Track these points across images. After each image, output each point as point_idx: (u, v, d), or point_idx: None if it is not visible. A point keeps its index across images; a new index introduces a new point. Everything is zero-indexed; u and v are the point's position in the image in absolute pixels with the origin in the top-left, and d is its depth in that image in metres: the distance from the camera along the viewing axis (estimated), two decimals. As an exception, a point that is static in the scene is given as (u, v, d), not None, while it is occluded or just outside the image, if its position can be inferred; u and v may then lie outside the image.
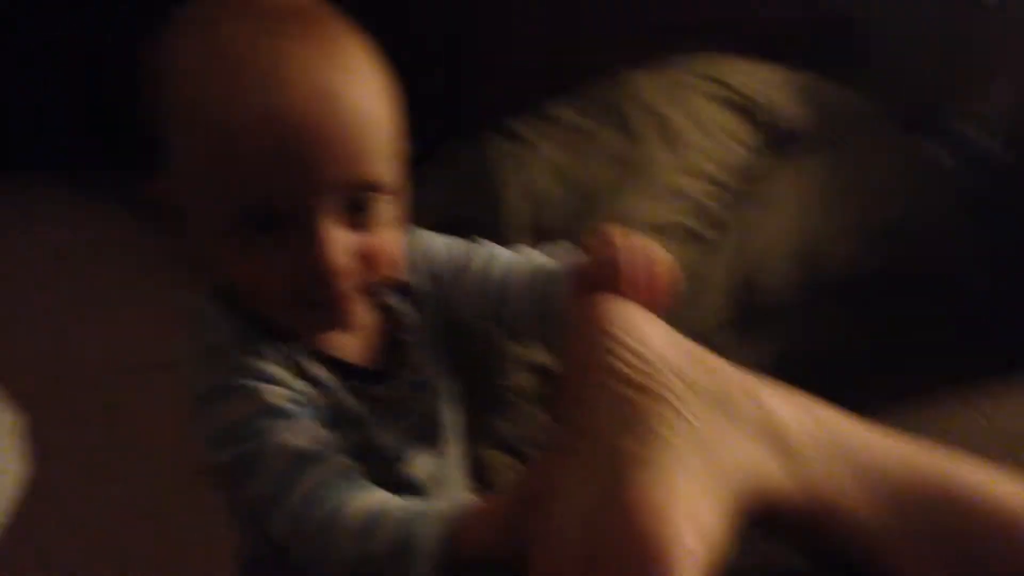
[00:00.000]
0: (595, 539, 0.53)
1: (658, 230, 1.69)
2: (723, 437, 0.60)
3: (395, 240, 0.76)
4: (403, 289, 0.85)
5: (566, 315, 0.72)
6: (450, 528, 0.66)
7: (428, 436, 0.87)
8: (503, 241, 1.69)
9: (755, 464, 0.60)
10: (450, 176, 1.86)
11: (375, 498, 0.70)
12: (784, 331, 1.85)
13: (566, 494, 0.57)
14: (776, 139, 1.86)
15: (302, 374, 0.77)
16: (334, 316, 0.74)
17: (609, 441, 0.57)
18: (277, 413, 0.72)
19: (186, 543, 1.63)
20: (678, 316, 1.72)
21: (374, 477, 0.81)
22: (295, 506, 0.69)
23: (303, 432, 0.72)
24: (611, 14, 2.02)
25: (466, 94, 1.93)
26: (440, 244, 0.90)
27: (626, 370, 0.61)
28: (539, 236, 1.70)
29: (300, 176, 0.67)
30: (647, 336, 0.65)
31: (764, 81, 1.88)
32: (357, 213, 0.71)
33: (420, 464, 0.86)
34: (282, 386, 0.74)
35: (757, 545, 0.65)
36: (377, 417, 0.81)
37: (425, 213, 1.80)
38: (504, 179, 1.76)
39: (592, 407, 0.60)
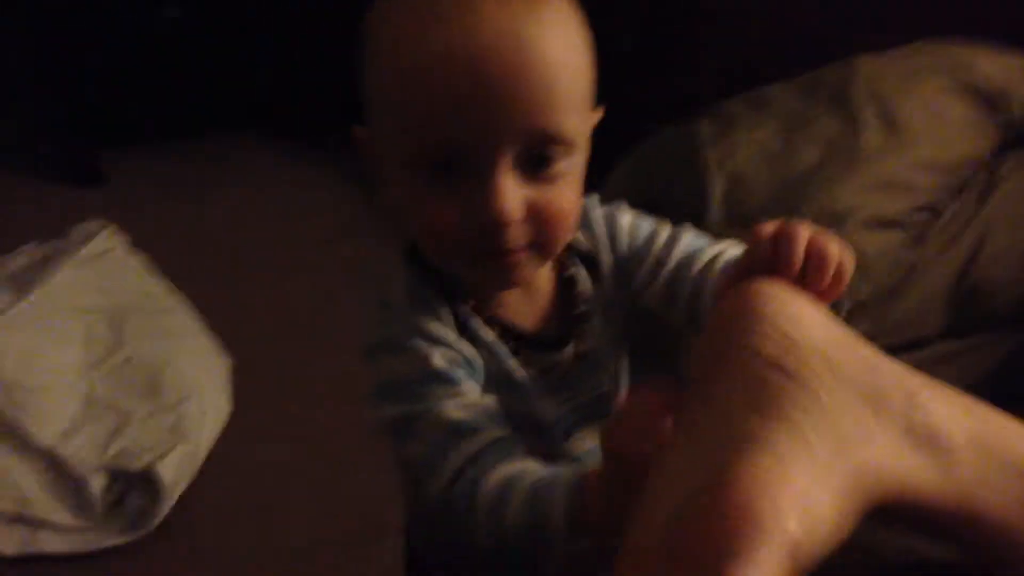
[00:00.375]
0: (689, 513, 0.48)
1: (874, 224, 1.58)
2: (865, 430, 0.54)
3: (572, 198, 0.72)
4: (582, 257, 0.83)
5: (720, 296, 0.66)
6: (577, 494, 0.63)
7: (594, 411, 0.84)
8: (704, 226, 1.65)
9: (899, 462, 0.54)
10: (657, 155, 1.81)
11: (514, 467, 0.68)
12: (1007, 344, 1.69)
13: (673, 467, 0.53)
14: (1020, 135, 1.70)
15: (470, 335, 0.76)
16: (502, 269, 0.72)
17: (733, 418, 0.52)
18: (439, 378, 0.72)
19: (367, 492, 1.67)
20: (896, 323, 1.63)
21: (535, 448, 0.79)
22: (444, 479, 0.69)
23: (462, 400, 0.72)
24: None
25: (682, 73, 1.86)
26: (626, 218, 0.85)
27: (768, 349, 0.55)
28: (741, 222, 1.63)
29: (483, 118, 0.65)
30: (800, 319, 0.59)
31: (1015, 69, 1.70)
32: (536, 166, 0.68)
33: (583, 440, 0.83)
34: (448, 347, 0.74)
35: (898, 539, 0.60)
36: (542, 387, 0.80)
37: (628, 191, 1.79)
38: (711, 162, 1.69)
39: (724, 383, 0.55)
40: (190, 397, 1.72)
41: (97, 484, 1.58)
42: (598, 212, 0.84)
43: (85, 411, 1.69)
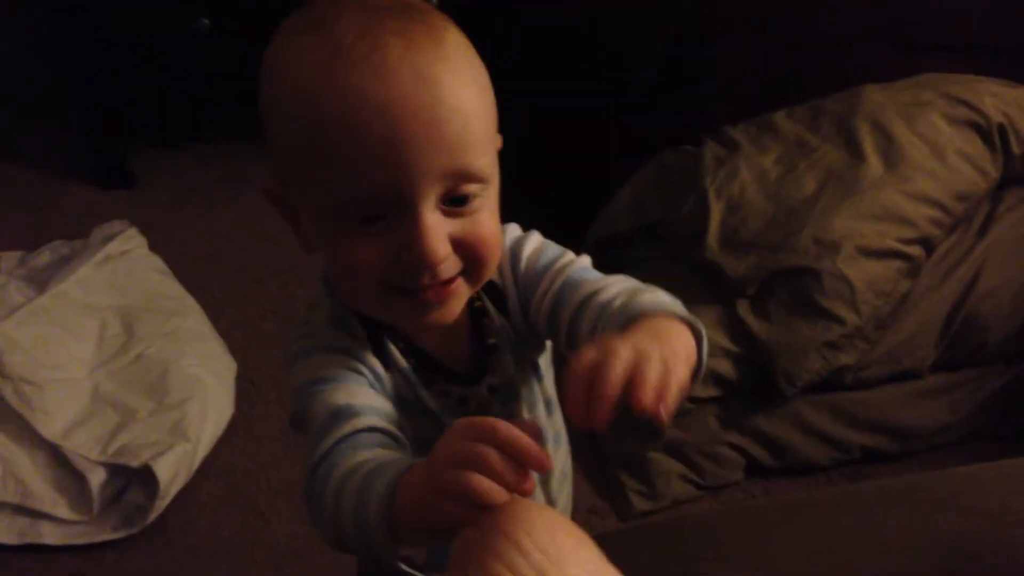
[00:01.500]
0: None
1: (868, 254, 1.58)
2: None
3: (493, 226, 0.74)
4: (489, 289, 0.83)
5: None
6: (391, 493, 0.61)
7: None
8: (703, 250, 1.66)
9: None
10: (662, 177, 1.83)
11: (367, 455, 0.67)
12: (998, 380, 1.69)
13: None
14: (1019, 172, 1.69)
15: (385, 359, 0.78)
16: (429, 309, 0.73)
17: None
18: (341, 379, 0.74)
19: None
20: (886, 354, 1.63)
21: None
22: (314, 461, 0.70)
23: (352, 389, 0.73)
24: (856, 24, 1.89)
25: (688, 97, 1.88)
26: (531, 245, 0.83)
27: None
28: (739, 247, 1.64)
29: (403, 165, 0.66)
30: (556, 550, 0.54)
31: (1018, 105, 1.70)
32: (455, 202, 0.70)
33: None
34: (355, 359, 0.75)
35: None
36: (453, 416, 0.80)
37: (633, 210, 1.81)
38: (711, 187, 1.71)
39: None
40: (193, 397, 1.76)
41: (97, 479, 1.62)
42: (506, 245, 0.83)
43: (91, 407, 1.74)
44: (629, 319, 0.69)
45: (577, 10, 1.98)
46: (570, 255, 0.83)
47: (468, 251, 0.72)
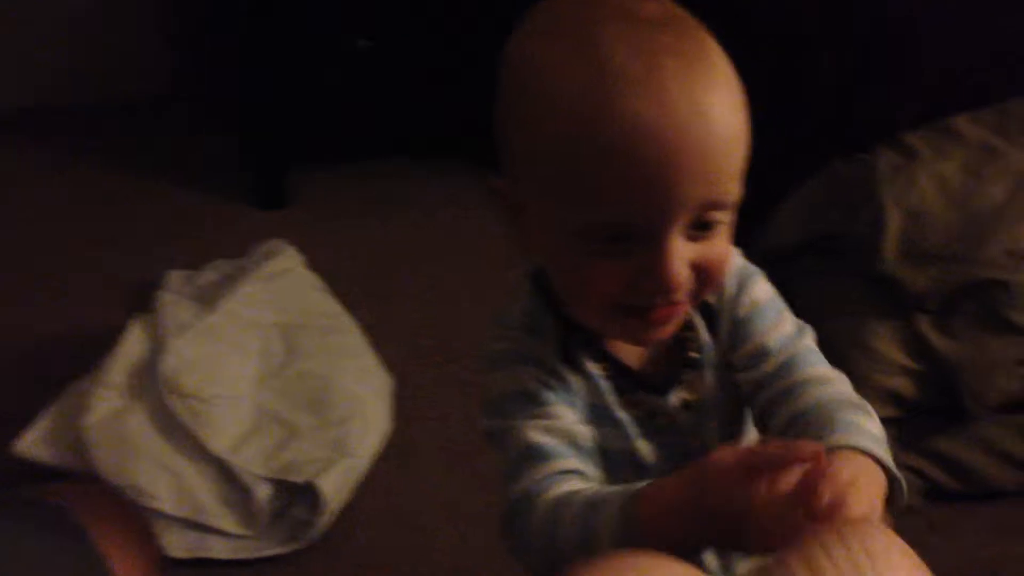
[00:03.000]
0: None
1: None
2: None
3: (727, 249, 0.73)
4: (704, 308, 0.81)
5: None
6: (629, 511, 0.65)
7: (696, 458, 0.81)
8: (878, 261, 1.58)
9: None
10: (833, 188, 1.75)
11: (573, 487, 0.70)
12: None
13: None
14: None
15: (576, 366, 0.77)
16: (654, 327, 0.73)
17: None
18: (529, 398, 0.74)
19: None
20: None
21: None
22: (510, 498, 0.72)
23: (547, 423, 0.73)
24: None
25: (864, 104, 1.80)
26: (757, 287, 0.83)
27: None
28: (919, 259, 1.56)
29: (664, 195, 0.65)
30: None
31: None
32: (701, 228, 0.69)
33: None
34: (546, 370, 0.76)
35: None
36: (644, 429, 0.79)
37: (802, 224, 1.75)
38: (888, 197, 1.63)
39: None
40: (354, 414, 1.78)
41: (263, 494, 1.65)
42: (733, 270, 0.82)
43: (256, 422, 1.78)
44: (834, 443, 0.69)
45: (749, 13, 1.92)
46: (795, 327, 0.81)
47: (703, 274, 0.71)
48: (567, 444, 0.73)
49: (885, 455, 0.70)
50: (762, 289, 0.83)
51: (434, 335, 2.13)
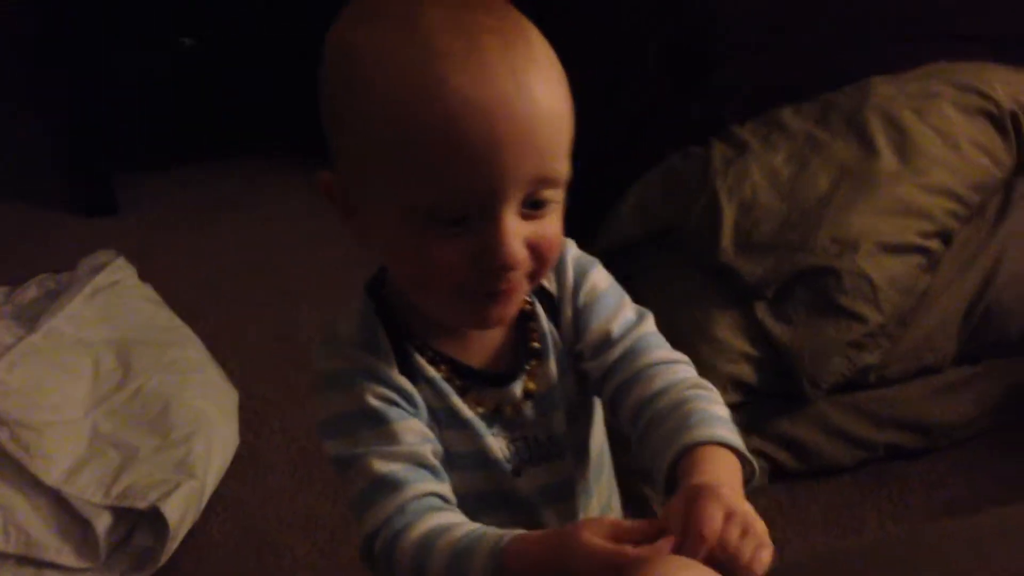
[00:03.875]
0: None
1: (888, 250, 1.55)
2: None
3: (559, 228, 0.73)
4: (545, 297, 0.82)
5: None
6: (497, 561, 0.64)
7: (547, 451, 0.83)
8: (717, 254, 1.62)
9: None
10: (670, 182, 1.79)
11: (435, 522, 0.69)
12: (1020, 370, 1.66)
13: None
14: (1037, 156, 1.67)
15: (414, 373, 0.76)
16: (497, 309, 0.72)
17: None
18: (372, 417, 0.73)
19: (357, 530, 1.66)
20: (909, 349, 1.60)
21: (484, 486, 0.80)
22: (368, 530, 0.71)
23: (392, 448, 0.72)
24: (860, 16, 1.85)
25: (692, 98, 1.84)
26: (596, 276, 0.83)
27: None
28: (754, 249, 1.61)
29: (494, 172, 0.65)
30: None
31: (1025, 92, 1.68)
32: (533, 206, 0.69)
33: (535, 478, 0.82)
34: (385, 385, 0.74)
35: None
36: (489, 424, 0.79)
37: (642, 217, 1.77)
38: (722, 188, 1.67)
39: None
40: (198, 432, 1.70)
41: (102, 524, 1.56)
42: (570, 259, 0.83)
43: (91, 448, 1.67)
44: (683, 446, 0.71)
45: (574, 13, 1.93)
46: (636, 313, 0.83)
47: (538, 253, 0.71)
48: (416, 467, 0.72)
49: (739, 440, 0.73)
50: (601, 277, 0.83)
51: (279, 343, 2.06)
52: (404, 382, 0.75)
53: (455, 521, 0.70)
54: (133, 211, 2.44)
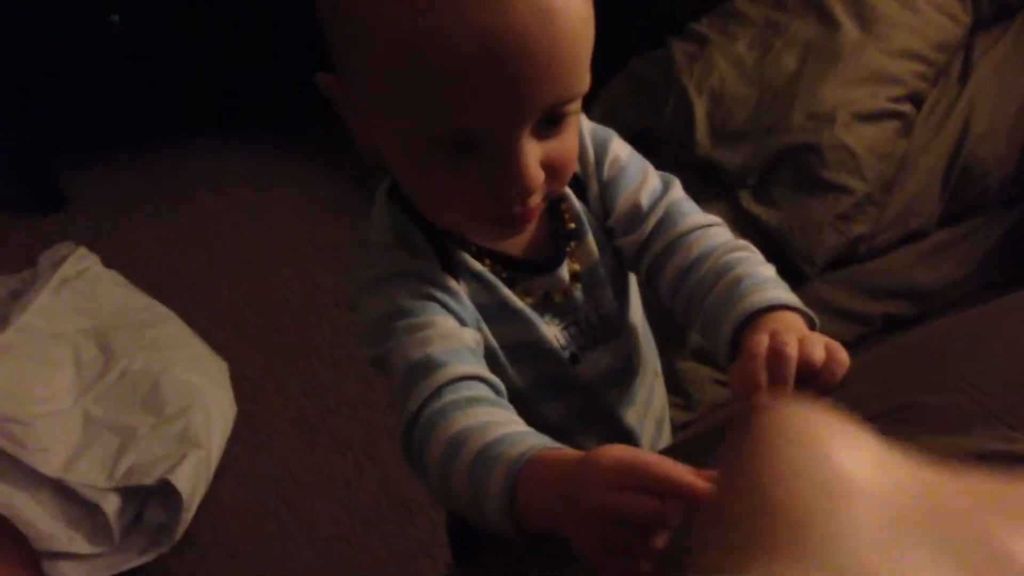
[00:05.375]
0: None
1: (863, 119, 1.55)
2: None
3: (576, 139, 0.70)
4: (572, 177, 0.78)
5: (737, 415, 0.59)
6: (511, 481, 0.58)
7: (600, 332, 0.81)
8: (693, 148, 1.62)
9: None
10: (633, 87, 1.77)
11: (470, 420, 0.64)
12: (1001, 226, 1.68)
13: None
14: (993, 9, 1.68)
15: (459, 270, 0.74)
16: (517, 228, 0.70)
17: (735, 554, 0.46)
18: (409, 312, 0.70)
19: (387, 472, 1.64)
20: (895, 217, 1.60)
21: (544, 375, 0.78)
22: (406, 420, 0.67)
23: (426, 333, 0.69)
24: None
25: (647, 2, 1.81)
26: (615, 148, 0.80)
27: (778, 494, 0.47)
28: (730, 138, 1.60)
29: (512, 101, 0.61)
30: (823, 458, 0.49)
31: (975, -52, 1.69)
32: (550, 122, 0.65)
33: (591, 362, 0.80)
34: (426, 282, 0.71)
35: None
36: (543, 313, 0.77)
37: (616, 124, 1.76)
38: (690, 84, 1.66)
39: (736, 508, 0.48)
40: (193, 405, 1.66)
41: (111, 506, 1.52)
42: (587, 135, 0.79)
43: (86, 434, 1.62)
44: (741, 316, 0.68)
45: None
46: (661, 180, 0.80)
47: (554, 171, 0.67)
48: (452, 349, 0.69)
49: (794, 298, 0.70)
50: (620, 147, 0.80)
51: (257, 311, 2.02)
52: (447, 279, 0.73)
53: (490, 420, 0.64)
54: (85, 202, 2.37)
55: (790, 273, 1.57)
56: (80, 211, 2.35)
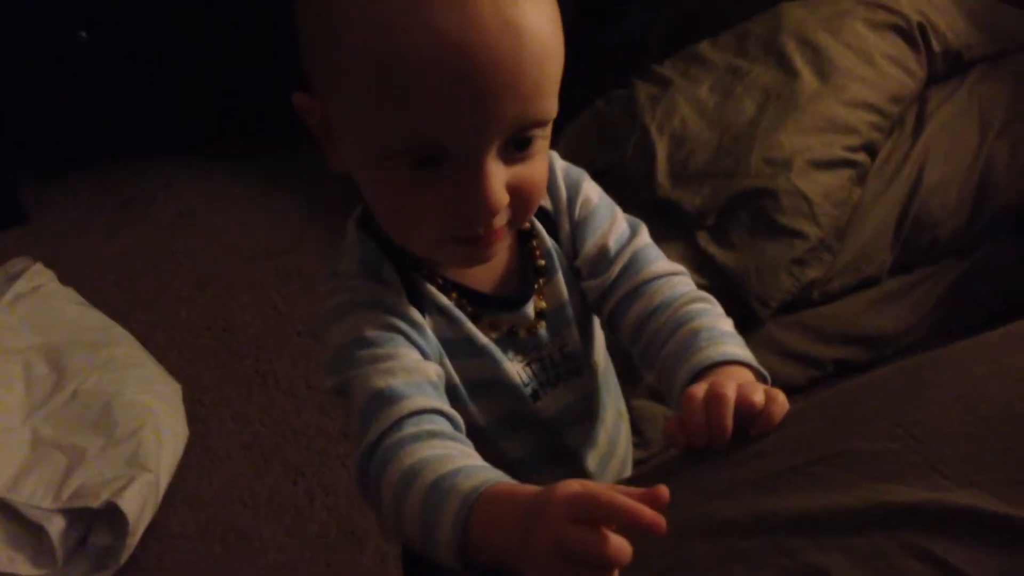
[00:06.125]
0: None
1: (819, 166, 1.59)
2: None
3: (545, 169, 0.70)
4: (541, 214, 0.79)
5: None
6: (465, 514, 0.59)
7: (563, 370, 0.81)
8: (654, 189, 1.64)
9: None
10: (597, 126, 1.80)
11: (426, 452, 0.64)
12: (950, 275, 1.72)
13: None
14: (947, 65, 1.73)
15: (424, 303, 0.74)
16: (482, 251, 0.70)
17: None
18: (370, 344, 0.70)
19: (337, 500, 1.63)
20: (848, 263, 1.64)
21: (504, 412, 0.78)
22: (363, 448, 0.67)
23: (390, 364, 0.69)
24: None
25: (608, 42, 1.85)
26: (589, 187, 0.82)
27: None
28: (690, 180, 1.63)
29: (479, 116, 0.62)
30: None
31: (932, 4, 1.74)
32: (517, 146, 0.66)
33: (552, 398, 0.81)
34: (391, 313, 0.71)
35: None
36: (506, 349, 0.77)
37: (579, 162, 1.78)
38: (652, 125, 1.69)
39: None
40: (144, 426, 1.64)
41: (55, 528, 1.49)
42: (559, 171, 0.80)
43: (33, 454, 1.60)
44: (696, 368, 0.71)
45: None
46: (629, 225, 0.82)
47: (520, 197, 0.68)
48: (415, 382, 0.69)
49: (748, 354, 0.73)
50: (592, 189, 0.81)
51: (213, 334, 2.01)
52: (413, 312, 0.73)
53: (447, 453, 0.64)
54: (44, 218, 2.35)
55: (745, 315, 1.61)
56: (38, 226, 2.33)
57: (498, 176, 0.65)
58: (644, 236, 0.82)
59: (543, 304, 0.79)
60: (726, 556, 0.59)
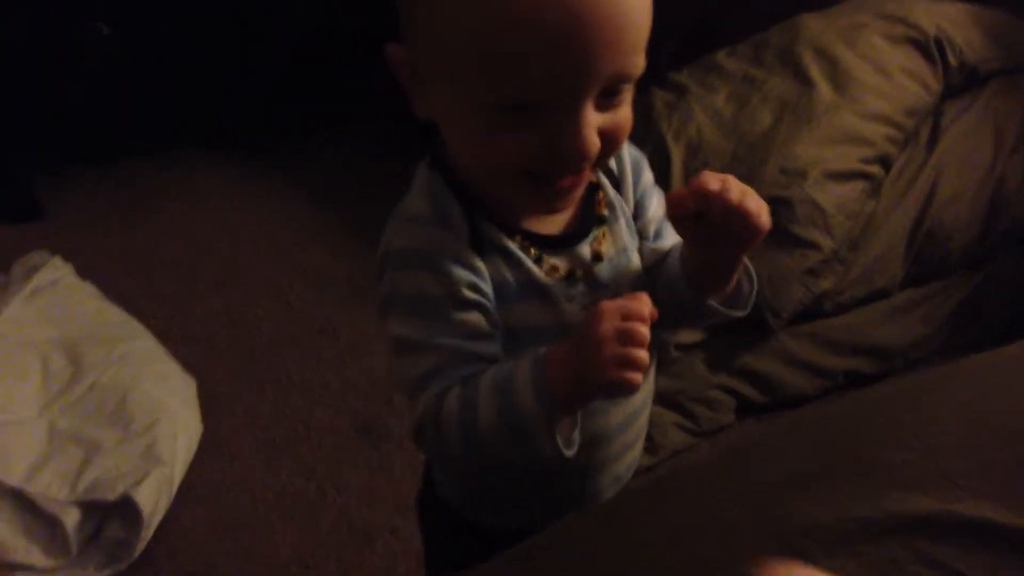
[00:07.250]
0: None
1: (834, 177, 1.60)
2: None
3: (630, 116, 0.74)
4: (608, 175, 0.84)
5: None
6: (539, 374, 0.69)
7: None
8: (667, 195, 1.65)
9: None
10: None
11: (473, 382, 0.72)
12: (962, 289, 1.73)
13: None
14: (963, 79, 1.74)
15: (489, 247, 0.77)
16: (565, 195, 0.74)
17: None
18: (436, 304, 0.75)
19: (349, 497, 1.65)
20: (860, 275, 1.64)
21: None
22: (419, 411, 0.74)
23: (455, 335, 0.74)
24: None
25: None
26: (648, 174, 0.88)
27: None
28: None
29: (577, 67, 0.65)
30: None
31: (949, 18, 1.75)
32: (609, 97, 0.69)
33: None
34: (458, 263, 0.75)
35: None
36: (564, 290, 0.80)
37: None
38: (668, 132, 1.70)
39: None
40: (160, 421, 1.66)
41: (70, 519, 1.51)
42: (625, 152, 0.85)
43: (50, 446, 1.62)
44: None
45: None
46: (663, 205, 0.87)
47: (608, 142, 0.71)
48: (470, 360, 0.74)
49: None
50: (649, 172, 0.88)
51: (229, 331, 2.03)
52: (474, 259, 0.76)
53: (489, 369, 0.72)
54: (62, 212, 2.37)
55: (756, 325, 1.62)
56: (56, 221, 2.34)
57: (592, 124, 0.68)
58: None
59: (602, 248, 0.82)
60: (738, 559, 0.60)
